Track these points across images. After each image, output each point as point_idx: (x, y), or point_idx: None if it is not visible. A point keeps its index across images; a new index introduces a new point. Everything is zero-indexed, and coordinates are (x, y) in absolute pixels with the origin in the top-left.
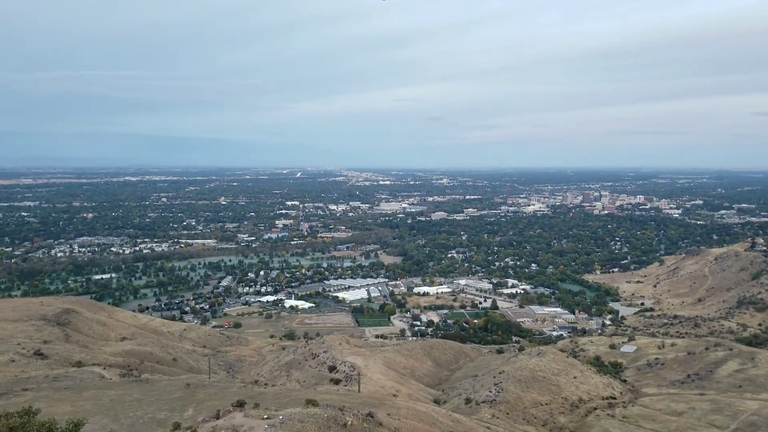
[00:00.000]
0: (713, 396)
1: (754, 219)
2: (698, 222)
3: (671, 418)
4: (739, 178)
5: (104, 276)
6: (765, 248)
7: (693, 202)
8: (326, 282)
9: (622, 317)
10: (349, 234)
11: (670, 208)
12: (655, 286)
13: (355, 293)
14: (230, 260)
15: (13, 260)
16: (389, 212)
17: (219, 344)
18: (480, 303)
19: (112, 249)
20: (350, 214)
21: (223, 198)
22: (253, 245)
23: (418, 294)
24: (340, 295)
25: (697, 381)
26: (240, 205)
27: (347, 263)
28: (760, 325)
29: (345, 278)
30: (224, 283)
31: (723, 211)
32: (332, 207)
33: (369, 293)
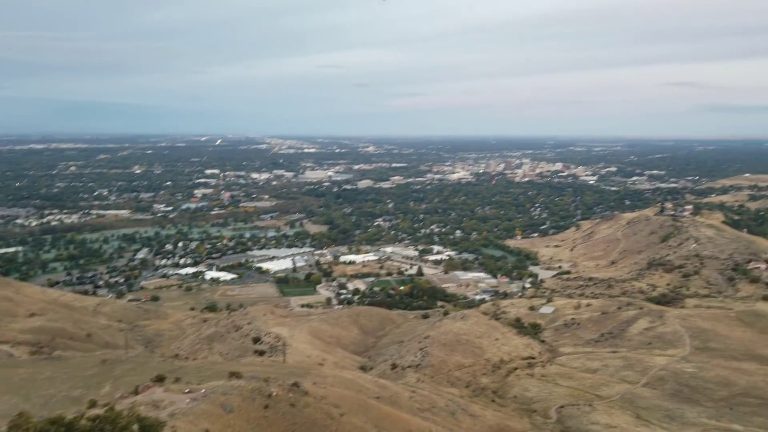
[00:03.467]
0: (625, 353)
1: (663, 185)
2: (612, 188)
3: (587, 375)
4: (650, 146)
5: (9, 250)
6: (673, 213)
7: (607, 169)
8: (249, 252)
9: (541, 280)
10: (273, 203)
11: (587, 175)
12: (572, 250)
13: (279, 263)
14: (146, 231)
15: None
16: (315, 180)
17: (136, 318)
18: (406, 270)
19: (17, 221)
20: (274, 182)
21: (137, 166)
22: (171, 216)
23: (345, 263)
24: (264, 265)
25: (611, 339)
26: (156, 174)
27: (271, 233)
28: (668, 285)
29: (269, 248)
30: (140, 255)
31: (635, 178)
32: (255, 175)
33: (294, 263)
